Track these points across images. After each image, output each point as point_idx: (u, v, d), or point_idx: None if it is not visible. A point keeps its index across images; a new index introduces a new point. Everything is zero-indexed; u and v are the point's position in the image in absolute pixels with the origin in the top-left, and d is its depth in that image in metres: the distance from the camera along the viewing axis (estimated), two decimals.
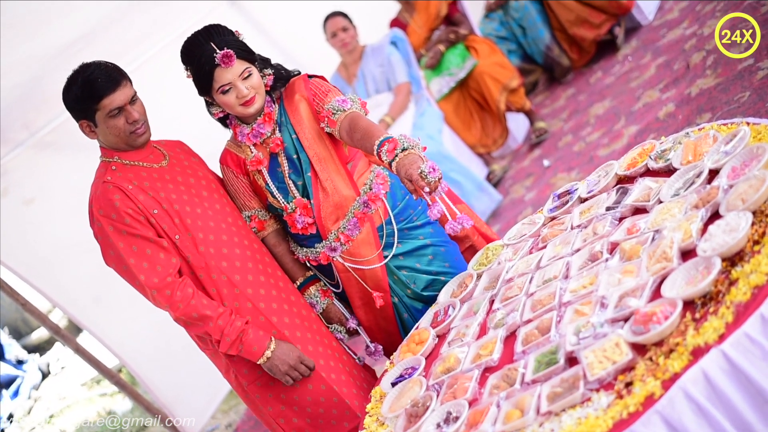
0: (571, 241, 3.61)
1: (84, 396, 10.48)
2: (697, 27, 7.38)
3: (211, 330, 3.87)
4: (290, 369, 3.95)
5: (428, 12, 8.81)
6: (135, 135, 3.93)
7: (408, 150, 3.58)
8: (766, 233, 2.78)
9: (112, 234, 3.81)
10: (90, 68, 3.87)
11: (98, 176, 3.95)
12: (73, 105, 3.92)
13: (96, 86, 3.82)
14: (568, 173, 7.30)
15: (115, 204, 3.81)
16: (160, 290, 3.81)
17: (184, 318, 3.87)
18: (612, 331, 2.86)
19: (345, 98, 4.05)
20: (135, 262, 3.80)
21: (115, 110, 3.85)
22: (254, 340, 3.90)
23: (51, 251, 6.69)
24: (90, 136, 3.98)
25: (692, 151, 3.47)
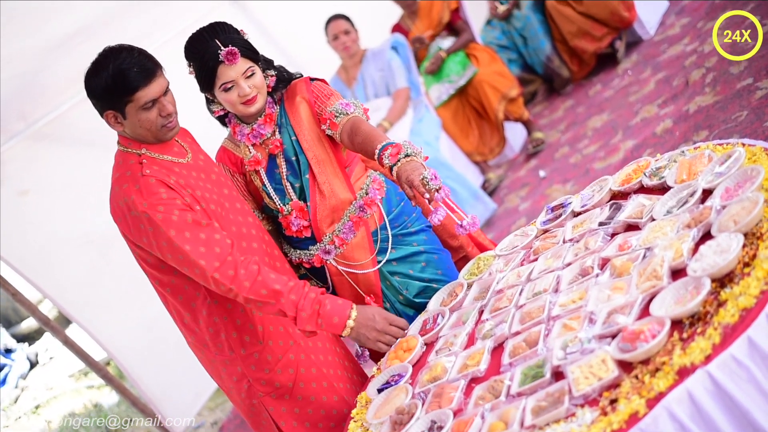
0: (562, 255, 3.61)
1: (71, 387, 10.47)
2: (697, 44, 7.40)
3: (284, 306, 3.62)
4: (379, 335, 3.79)
5: (430, 18, 8.81)
6: (166, 129, 3.72)
7: (411, 156, 3.63)
8: (756, 255, 2.78)
9: (163, 224, 3.56)
10: (122, 55, 3.60)
11: (130, 169, 3.70)
12: (100, 94, 3.64)
13: (129, 77, 3.57)
14: (563, 185, 7.31)
15: (162, 196, 3.58)
16: (223, 272, 3.57)
17: (254, 297, 3.60)
18: (599, 348, 2.86)
19: (348, 102, 4.05)
20: (191, 249, 3.56)
21: (149, 103, 3.62)
22: (333, 311, 3.68)
23: (44, 243, 6.69)
24: (115, 127, 3.74)
25: (687, 170, 3.47)
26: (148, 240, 3.62)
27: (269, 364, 3.92)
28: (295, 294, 3.64)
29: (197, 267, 3.58)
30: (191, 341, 4.01)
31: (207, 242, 3.59)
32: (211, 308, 3.82)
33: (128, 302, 7.05)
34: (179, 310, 3.89)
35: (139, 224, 3.61)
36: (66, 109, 6.83)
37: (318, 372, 4.05)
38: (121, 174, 3.72)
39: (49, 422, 9.71)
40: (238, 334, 3.87)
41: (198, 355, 4.08)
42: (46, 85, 6.56)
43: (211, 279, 3.59)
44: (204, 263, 3.56)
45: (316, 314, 3.65)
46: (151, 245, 3.64)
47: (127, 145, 3.76)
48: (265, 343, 3.91)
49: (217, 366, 3.99)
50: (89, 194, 6.91)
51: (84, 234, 6.92)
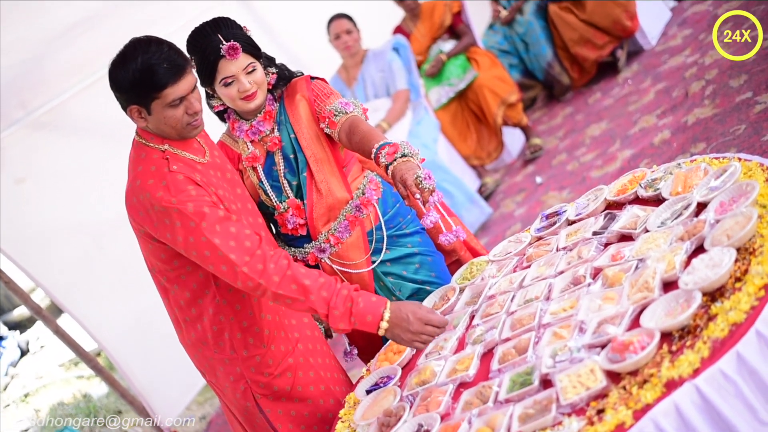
0: (555, 263, 3.62)
1: (61, 377, 10.46)
2: (698, 56, 7.41)
3: (314, 303, 3.46)
4: (414, 335, 3.48)
5: (432, 21, 8.82)
6: (191, 127, 3.61)
7: (407, 157, 3.61)
8: (748, 271, 2.79)
9: (195, 217, 3.45)
10: (151, 49, 3.48)
11: (155, 164, 3.59)
12: (126, 88, 3.51)
13: (159, 73, 3.45)
14: (559, 192, 7.32)
15: (192, 193, 3.50)
16: (252, 266, 3.45)
17: (283, 293, 3.46)
18: (588, 357, 2.87)
19: (348, 101, 4.05)
20: (221, 242, 3.45)
21: (177, 100, 3.51)
22: (366, 309, 3.47)
23: (38, 232, 6.69)
24: (137, 122, 3.64)
25: (682, 182, 3.48)
26: (172, 235, 3.51)
27: (270, 368, 3.89)
28: (327, 290, 3.48)
29: (226, 261, 3.47)
30: (189, 338, 3.92)
31: (237, 236, 3.49)
32: (219, 307, 3.77)
33: (121, 294, 7.06)
34: (182, 307, 3.82)
35: (164, 219, 3.50)
36: (66, 98, 6.84)
37: (315, 375, 4.03)
38: (144, 168, 3.61)
39: (37, 411, 9.70)
40: (243, 335, 3.83)
41: (192, 352, 4.01)
42: (47, 73, 6.57)
43: (240, 273, 3.47)
44: (234, 257, 3.45)
45: (349, 312, 3.47)
46: (174, 240, 3.53)
47: (149, 139, 3.67)
48: (268, 347, 3.87)
49: (215, 364, 3.94)
50: (86, 184, 6.92)
51: (79, 224, 6.93)
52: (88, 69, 6.95)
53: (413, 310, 3.48)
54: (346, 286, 3.51)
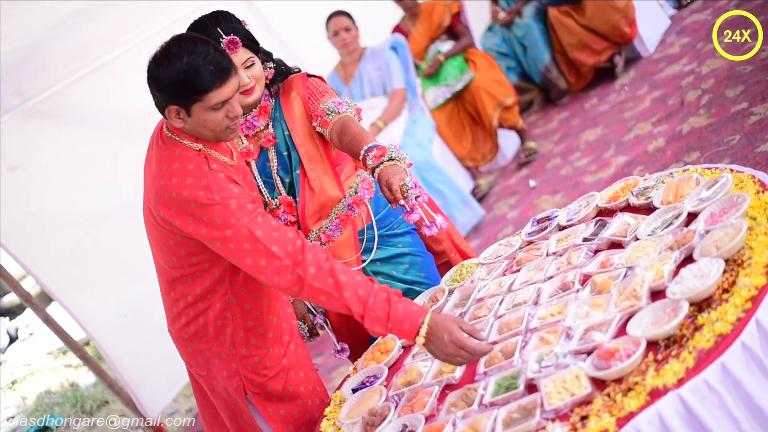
0: (544, 268, 3.62)
1: (49, 365, 10.46)
2: (696, 65, 7.42)
3: (348, 301, 3.30)
4: (448, 357, 3.22)
5: (431, 21, 8.84)
6: (230, 130, 3.51)
7: (395, 161, 3.59)
8: (736, 282, 2.80)
9: (238, 212, 3.36)
10: (197, 49, 3.36)
11: (193, 162, 3.50)
12: (168, 88, 3.39)
13: (204, 76, 3.34)
14: (552, 196, 7.33)
15: (234, 190, 3.41)
16: (294, 257, 3.33)
17: (318, 285, 3.32)
18: (574, 363, 2.88)
19: (341, 101, 4.05)
20: (264, 234, 3.34)
21: (219, 104, 3.41)
22: (405, 316, 3.26)
23: (30, 219, 6.69)
24: (174, 122, 3.49)
25: (674, 191, 3.49)
26: (208, 230, 3.40)
27: (266, 370, 3.87)
28: (363, 289, 3.32)
29: (267, 254, 3.36)
30: (187, 332, 3.85)
31: (279, 228, 3.39)
32: (227, 305, 3.73)
33: (111, 284, 7.06)
34: (189, 302, 3.75)
35: (201, 215, 3.40)
36: (63, 87, 6.84)
37: (305, 376, 4.04)
38: (181, 166, 3.49)
39: (24, 398, 9.69)
40: (246, 334, 3.80)
41: (184, 345, 3.93)
42: (45, 61, 6.56)
43: (282, 267, 3.34)
44: (277, 249, 3.34)
45: (387, 317, 3.28)
46: (210, 235, 3.41)
47: (182, 137, 3.55)
48: (268, 350, 3.87)
49: (210, 357, 3.88)
50: (80, 174, 6.92)
51: (71, 213, 6.92)
52: (87, 58, 6.96)
53: (450, 330, 3.20)
54: (385, 288, 3.33)
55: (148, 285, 4.51)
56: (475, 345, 3.16)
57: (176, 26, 4.85)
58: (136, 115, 7.17)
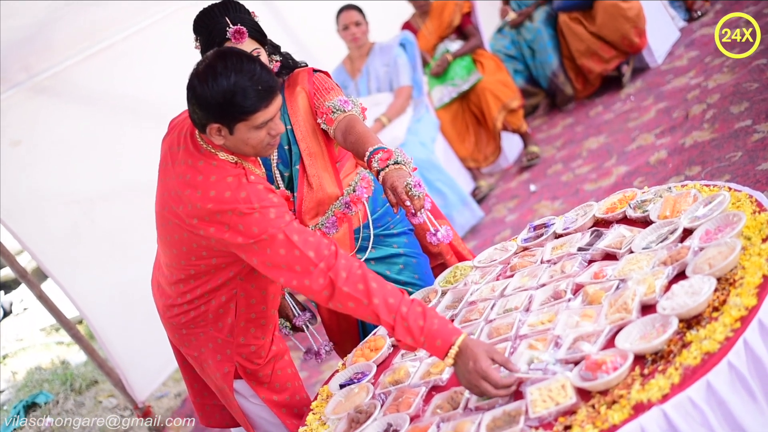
0: (538, 275, 3.64)
1: (41, 341, 10.47)
2: (702, 79, 7.41)
3: (377, 308, 3.23)
4: (470, 385, 3.09)
5: (441, 20, 8.83)
6: (270, 146, 3.46)
7: (400, 164, 3.59)
8: (726, 302, 2.81)
9: (276, 221, 3.33)
10: (244, 67, 3.29)
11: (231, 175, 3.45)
12: (212, 106, 3.30)
13: (250, 96, 3.27)
14: (552, 202, 7.33)
15: (274, 200, 3.37)
16: (328, 260, 3.29)
17: (348, 290, 3.26)
18: (561, 372, 2.89)
19: (347, 99, 4.03)
20: (300, 239, 3.30)
21: (264, 123, 3.35)
22: (439, 332, 3.17)
23: (29, 195, 6.69)
24: (215, 139, 3.40)
25: (671, 206, 3.50)
26: (244, 238, 3.36)
27: (260, 358, 3.93)
28: (394, 298, 3.25)
29: (302, 259, 3.32)
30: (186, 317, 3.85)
31: (314, 234, 3.38)
32: (234, 297, 3.75)
33: (107, 265, 7.06)
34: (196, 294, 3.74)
35: (238, 224, 3.37)
36: (69, 65, 6.83)
37: (288, 359, 4.09)
38: (219, 178, 3.44)
39: (14, 373, 9.70)
40: (247, 324, 3.83)
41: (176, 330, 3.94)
42: (53, 39, 6.56)
43: (317, 271, 3.30)
44: (313, 254, 3.30)
45: (421, 330, 3.18)
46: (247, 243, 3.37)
47: (217, 149, 3.50)
48: (265, 340, 3.92)
49: (204, 340, 3.90)
50: (81, 152, 6.92)
51: (70, 192, 6.92)
52: (95, 38, 6.95)
53: (477, 358, 3.07)
54: (420, 303, 3.25)
55: (143, 268, 4.52)
56: (498, 378, 3.02)
57: (183, 12, 4.85)
58: (140, 97, 7.17)
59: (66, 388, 8.44)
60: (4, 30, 5.66)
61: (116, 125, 7.05)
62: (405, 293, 3.30)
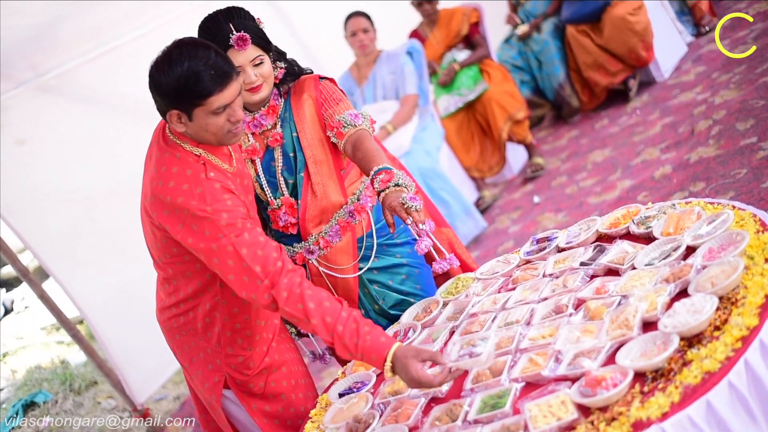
0: (540, 289, 3.62)
1: (41, 340, 10.45)
2: (709, 94, 7.41)
3: (316, 328, 3.35)
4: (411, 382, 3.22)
5: (449, 29, 8.85)
6: (231, 134, 3.54)
7: (401, 187, 3.62)
8: (728, 321, 2.80)
9: (227, 229, 3.40)
10: (198, 54, 3.38)
11: (191, 168, 3.54)
12: (169, 93, 3.41)
13: (204, 80, 3.36)
14: (555, 214, 7.33)
15: (228, 203, 3.46)
16: (273, 278, 3.37)
17: (289, 309, 3.37)
18: (487, 352, 3.02)
19: (357, 113, 4.05)
20: (248, 253, 3.38)
21: (221, 108, 3.43)
22: (372, 349, 3.28)
23: (33, 194, 6.70)
24: (176, 126, 3.51)
25: (675, 223, 3.49)
26: (195, 240, 3.46)
27: (249, 369, 3.93)
28: (331, 316, 3.34)
29: (249, 273, 3.41)
30: (176, 322, 3.91)
31: (264, 246, 3.44)
32: (216, 305, 3.79)
33: (108, 265, 7.07)
34: (181, 297, 3.82)
35: (191, 224, 3.45)
36: (75, 65, 6.85)
37: (288, 370, 4.08)
38: (179, 170, 3.53)
39: (14, 371, 9.68)
40: (233, 335, 3.86)
41: (172, 335, 4.00)
42: (60, 39, 6.57)
43: (262, 287, 3.39)
44: (259, 269, 3.39)
45: (355, 346, 3.30)
46: (197, 246, 3.47)
47: (183, 141, 3.59)
48: (253, 351, 3.93)
49: (195, 350, 3.96)
50: (85, 153, 6.93)
51: (73, 191, 6.93)
52: (101, 38, 6.97)
53: (407, 368, 3.19)
54: (355, 318, 3.34)
55: (143, 269, 4.53)
56: (430, 379, 3.15)
57: (189, 16, 4.85)
58: (144, 99, 7.19)
59: (65, 388, 8.43)
60: (11, 28, 5.68)
61: (119, 126, 7.06)
62: (342, 308, 3.38)
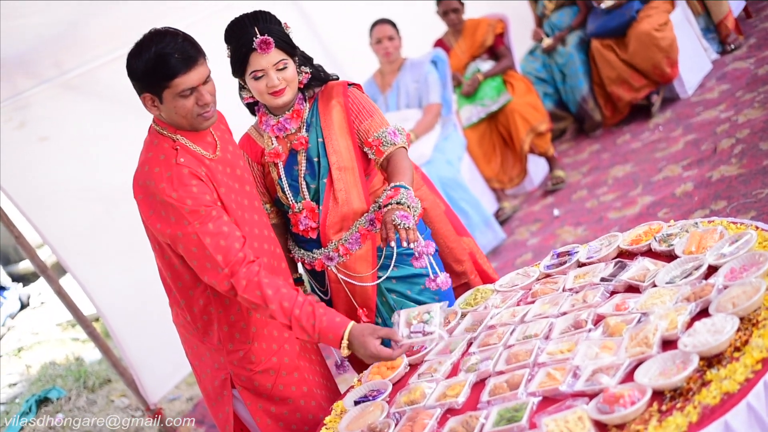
0: (559, 303, 3.62)
1: (56, 336, 10.47)
2: (732, 113, 7.39)
3: (274, 312, 3.58)
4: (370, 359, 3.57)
5: (474, 39, 8.85)
6: (202, 118, 3.71)
7: (402, 206, 3.73)
8: (748, 342, 2.79)
9: (190, 215, 3.59)
10: (165, 39, 3.60)
11: (164, 153, 3.72)
12: (139, 76, 3.65)
13: (170, 63, 3.56)
14: (575, 227, 7.31)
15: (193, 189, 3.62)
16: (233, 267, 3.59)
17: (247, 297, 3.59)
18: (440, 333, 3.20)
19: (394, 130, 4.11)
20: (211, 242, 3.59)
21: (187, 90, 3.61)
22: (329, 328, 3.57)
23: (53, 190, 6.71)
24: (151, 110, 3.75)
25: (697, 242, 3.48)
26: (162, 226, 3.65)
27: (252, 364, 3.95)
28: (288, 302, 3.59)
29: (211, 260, 3.61)
30: (183, 320, 4.02)
31: (228, 236, 3.62)
32: (208, 299, 3.86)
33: (125, 264, 7.07)
34: (180, 289, 3.91)
35: (160, 210, 3.63)
36: (99, 64, 6.85)
37: (300, 376, 4.08)
38: (154, 155, 3.74)
39: (28, 367, 9.71)
40: (230, 329, 3.91)
41: (182, 333, 4.13)
42: (85, 37, 6.59)
43: (222, 274, 3.60)
44: (221, 258, 3.60)
45: (312, 328, 3.58)
46: (164, 232, 3.66)
47: (163, 128, 3.79)
48: (253, 343, 3.95)
49: (201, 350, 4.04)
50: (105, 151, 6.94)
51: (93, 188, 6.94)
52: (126, 38, 6.86)
53: (365, 344, 3.54)
54: (310, 302, 3.62)
55: None
56: (388, 352, 3.52)
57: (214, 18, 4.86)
58: None
59: (79, 385, 8.44)
60: (37, 26, 5.72)
61: (141, 126, 7.04)
62: (299, 293, 3.63)
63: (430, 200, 4.45)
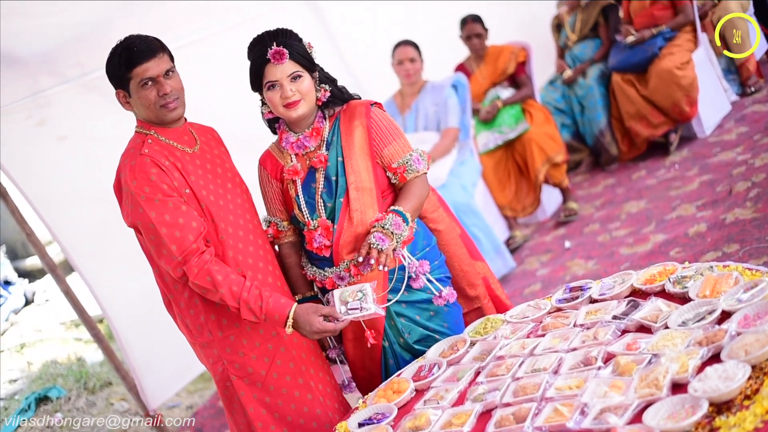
0: (570, 338, 3.61)
1: (59, 335, 10.46)
2: (749, 156, 7.36)
3: (224, 296, 3.83)
4: (315, 335, 3.91)
5: (495, 66, 8.84)
6: (165, 109, 3.98)
7: (386, 231, 3.91)
8: (759, 391, 2.78)
9: (145, 203, 3.83)
10: (131, 38, 3.95)
11: (134, 146, 3.99)
12: (112, 73, 3.98)
13: (132, 54, 3.87)
14: (585, 261, 7.29)
15: (151, 178, 3.84)
16: (186, 256, 3.84)
17: (198, 282, 3.84)
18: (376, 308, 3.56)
19: (418, 157, 4.18)
20: (167, 232, 3.83)
21: (147, 80, 3.90)
22: (275, 309, 3.87)
23: (67, 190, 6.72)
24: (125, 107, 4.07)
25: (711, 286, 3.47)
26: (126, 214, 3.94)
27: (244, 348, 4.09)
28: (237, 286, 3.85)
29: (166, 248, 3.85)
30: (183, 322, 4.15)
31: (183, 228, 3.86)
32: (192, 293, 4.00)
33: (134, 267, 7.01)
34: (167, 284, 4.09)
35: (126, 199, 3.90)
36: None
37: (296, 367, 4.17)
38: (126, 149, 4.04)
39: (30, 364, 9.70)
40: (216, 316, 4.05)
41: (190, 344, 4.26)
42: (109, 39, 6.55)
43: (175, 262, 3.85)
44: (175, 247, 3.83)
45: (259, 309, 3.85)
46: (126, 218, 3.94)
47: (140, 126, 4.08)
48: (242, 327, 4.08)
49: (197, 349, 4.19)
50: (120, 152, 6.95)
51: (107, 190, 6.88)
52: None
53: (310, 322, 3.87)
54: (257, 286, 3.90)
55: None
56: (332, 327, 3.89)
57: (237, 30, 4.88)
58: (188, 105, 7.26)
59: (79, 386, 8.43)
60: (62, 25, 5.76)
61: None
62: (246, 279, 3.92)
63: (446, 223, 4.46)
